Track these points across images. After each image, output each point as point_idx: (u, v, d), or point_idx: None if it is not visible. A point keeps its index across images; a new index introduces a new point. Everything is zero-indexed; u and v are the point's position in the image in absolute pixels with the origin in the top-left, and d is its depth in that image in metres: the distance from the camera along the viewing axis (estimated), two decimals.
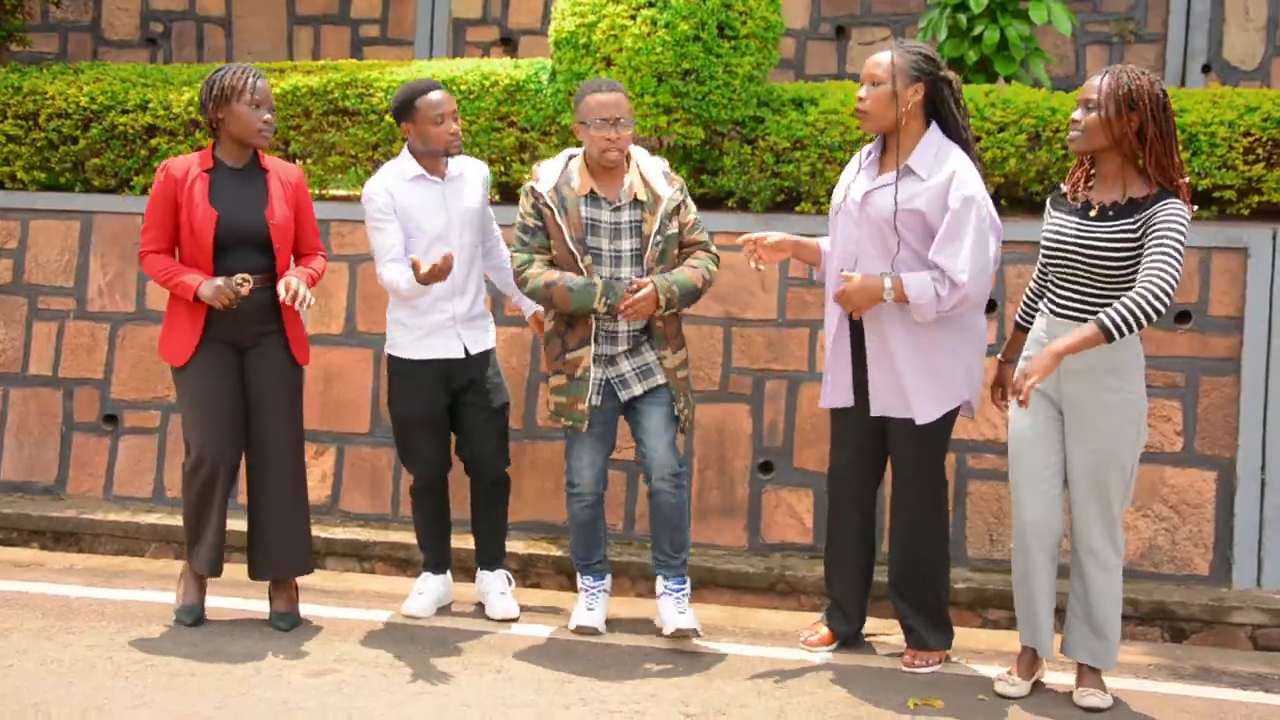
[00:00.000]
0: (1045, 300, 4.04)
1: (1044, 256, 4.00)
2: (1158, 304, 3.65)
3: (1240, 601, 4.89)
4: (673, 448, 4.46)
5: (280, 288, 4.35)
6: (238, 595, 4.80)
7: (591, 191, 4.40)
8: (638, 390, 4.46)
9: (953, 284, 4.02)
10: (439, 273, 4.29)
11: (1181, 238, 3.71)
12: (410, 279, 4.39)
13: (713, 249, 4.53)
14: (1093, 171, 3.95)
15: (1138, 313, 3.66)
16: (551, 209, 4.40)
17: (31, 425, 6.04)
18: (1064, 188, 4.02)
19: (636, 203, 4.41)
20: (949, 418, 4.26)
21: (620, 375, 4.47)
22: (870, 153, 4.26)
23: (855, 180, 4.26)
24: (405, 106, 4.57)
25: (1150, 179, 3.82)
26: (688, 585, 4.54)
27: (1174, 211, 3.74)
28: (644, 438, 4.47)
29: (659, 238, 4.39)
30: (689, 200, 4.53)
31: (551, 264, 4.41)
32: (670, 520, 4.47)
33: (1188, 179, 3.84)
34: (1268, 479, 5.04)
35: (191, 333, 4.43)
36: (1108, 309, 3.70)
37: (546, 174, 4.48)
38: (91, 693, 3.88)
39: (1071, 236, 3.88)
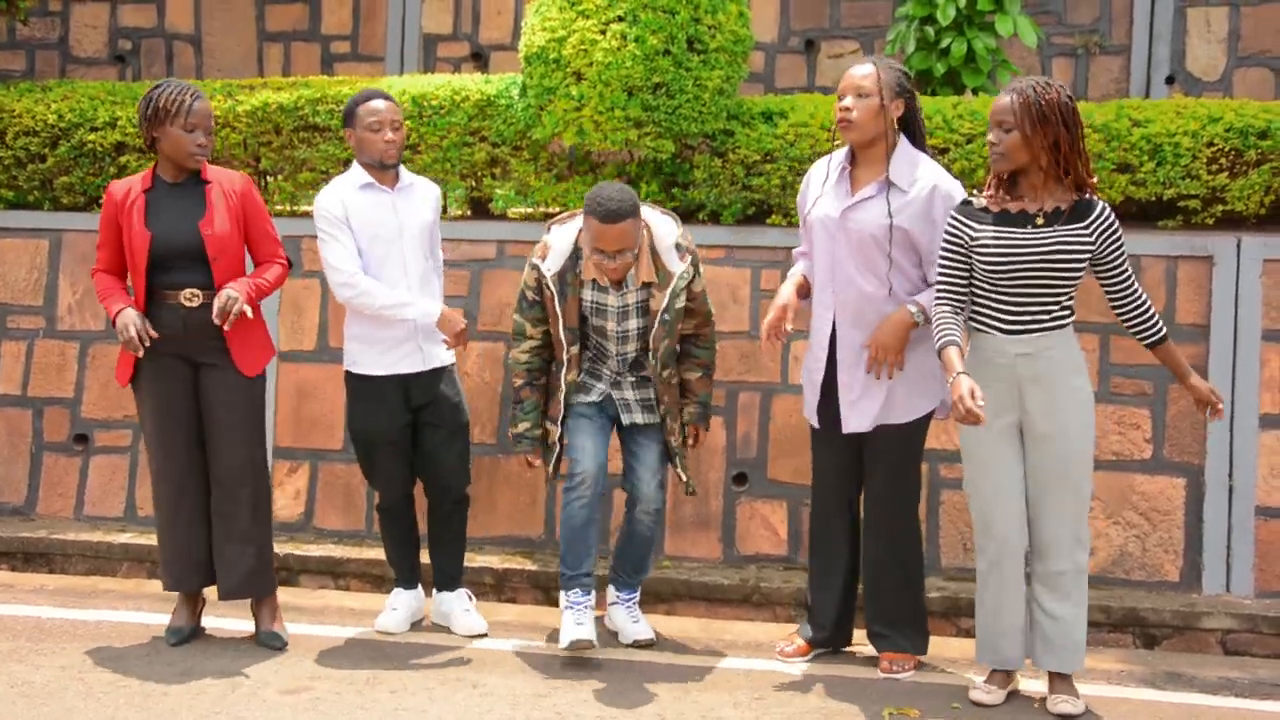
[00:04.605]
0: (985, 317, 3.98)
1: (992, 270, 3.90)
2: None
3: (1210, 607, 4.93)
4: (660, 486, 4.57)
5: (215, 303, 4.27)
6: (223, 615, 4.77)
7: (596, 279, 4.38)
8: (640, 420, 4.54)
9: None
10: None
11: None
12: (424, 310, 4.50)
13: (712, 321, 4.57)
14: (1006, 183, 3.96)
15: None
16: (551, 293, 4.37)
17: (1, 445, 5.99)
18: (979, 201, 3.99)
19: (645, 284, 4.39)
20: (927, 420, 4.31)
21: (625, 400, 4.54)
22: (840, 165, 4.28)
23: (825, 194, 4.27)
24: (348, 114, 4.61)
25: (1067, 185, 3.92)
26: (637, 593, 4.72)
27: (1117, 224, 3.94)
28: (636, 467, 4.55)
29: (666, 315, 4.36)
30: (699, 273, 4.45)
31: (546, 335, 4.47)
32: (639, 548, 4.63)
33: (1095, 179, 4.00)
34: (1236, 485, 5.09)
35: (130, 352, 4.38)
36: (1162, 338, 4.05)
37: (555, 251, 4.35)
38: (63, 714, 3.85)
39: (1029, 246, 3.89)
